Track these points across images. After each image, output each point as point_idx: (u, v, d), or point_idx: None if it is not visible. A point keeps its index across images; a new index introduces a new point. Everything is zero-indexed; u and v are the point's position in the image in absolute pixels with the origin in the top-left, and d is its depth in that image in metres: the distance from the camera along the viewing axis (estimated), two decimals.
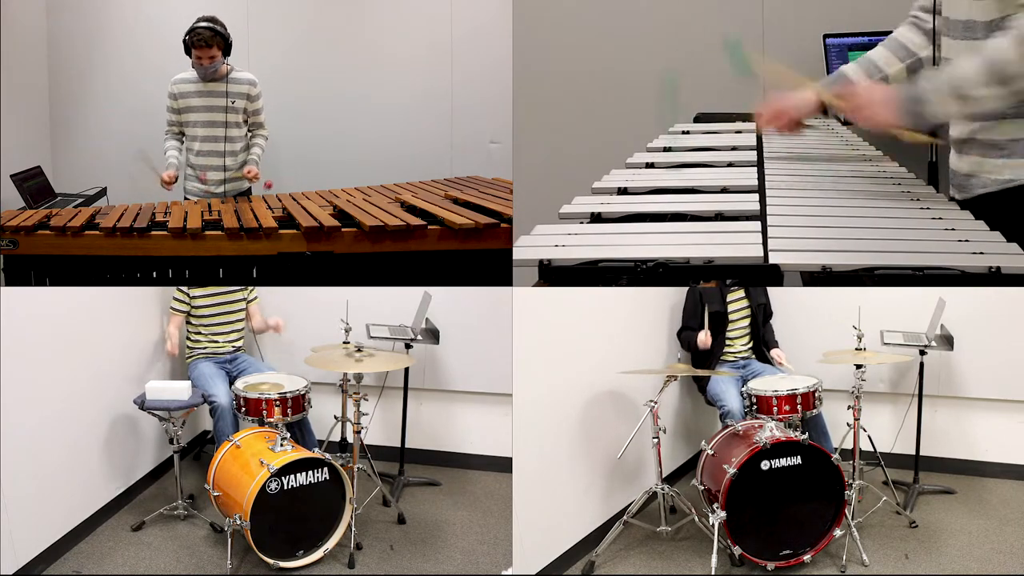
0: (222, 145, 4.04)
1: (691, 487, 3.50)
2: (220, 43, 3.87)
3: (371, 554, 3.22)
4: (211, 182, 4.07)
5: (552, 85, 4.72)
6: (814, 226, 2.09)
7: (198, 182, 4.08)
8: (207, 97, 4.01)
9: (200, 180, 4.05)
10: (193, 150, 4.08)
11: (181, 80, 4.03)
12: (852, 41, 4.13)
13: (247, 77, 4.07)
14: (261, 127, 4.19)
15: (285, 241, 3.20)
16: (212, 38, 3.83)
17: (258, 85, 4.10)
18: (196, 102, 4.02)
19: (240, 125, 4.10)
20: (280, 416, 3.34)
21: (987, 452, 4.04)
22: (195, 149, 4.07)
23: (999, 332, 3.89)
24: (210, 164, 4.07)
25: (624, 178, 2.65)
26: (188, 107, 4.03)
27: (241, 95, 4.05)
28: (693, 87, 4.48)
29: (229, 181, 4.07)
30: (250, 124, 4.16)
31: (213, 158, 4.06)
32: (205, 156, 4.06)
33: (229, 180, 4.07)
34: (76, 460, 3.28)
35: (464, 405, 4.12)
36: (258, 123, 4.18)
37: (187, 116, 4.05)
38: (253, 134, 4.18)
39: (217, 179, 4.07)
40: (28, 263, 3.19)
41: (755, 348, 3.87)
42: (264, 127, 4.21)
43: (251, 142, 4.17)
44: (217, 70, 3.96)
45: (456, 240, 3.25)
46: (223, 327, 3.77)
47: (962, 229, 2.06)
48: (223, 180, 4.07)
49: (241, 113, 4.07)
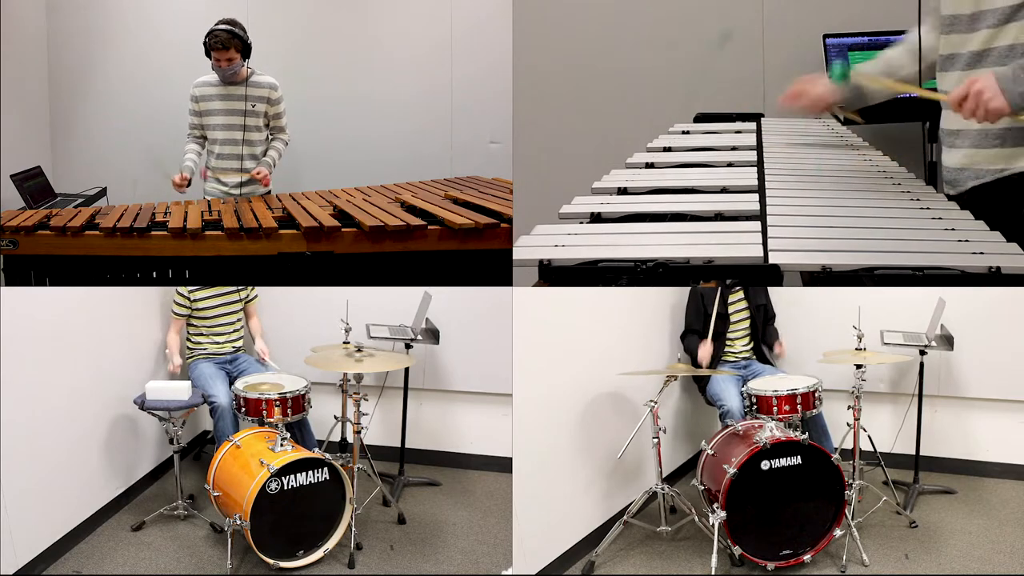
0: (240, 148, 4.04)
1: (691, 487, 3.50)
2: (238, 45, 3.88)
3: (371, 554, 3.22)
4: (230, 184, 4.08)
5: (552, 85, 4.73)
6: (814, 226, 2.09)
7: (218, 184, 4.09)
8: (227, 100, 4.03)
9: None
10: (213, 152, 4.10)
11: (202, 83, 4.05)
12: (852, 41, 4.13)
13: (268, 81, 4.08)
14: (282, 131, 4.20)
15: (285, 241, 3.20)
16: (229, 40, 3.84)
17: (279, 89, 4.11)
18: (216, 105, 4.04)
19: (260, 128, 4.11)
20: (280, 416, 3.34)
21: (987, 452, 4.03)
22: (215, 152, 4.09)
23: (999, 332, 3.89)
24: (230, 167, 4.08)
25: (624, 178, 2.65)
26: (208, 110, 4.05)
27: (261, 98, 4.05)
28: (693, 87, 4.49)
29: (247, 184, 4.08)
30: (271, 128, 4.17)
31: (232, 160, 4.07)
32: (225, 159, 4.08)
33: (247, 183, 4.08)
34: (76, 460, 3.28)
35: (464, 405, 4.12)
36: (279, 127, 4.18)
37: (207, 119, 4.07)
38: (274, 137, 4.19)
39: (235, 181, 4.08)
40: (28, 263, 3.18)
41: (755, 349, 3.87)
42: (285, 131, 4.21)
43: (271, 145, 4.18)
44: (237, 72, 3.97)
45: (456, 240, 3.25)
46: (224, 327, 3.77)
47: (962, 229, 2.05)
48: (240, 183, 4.07)
49: (261, 117, 4.08)
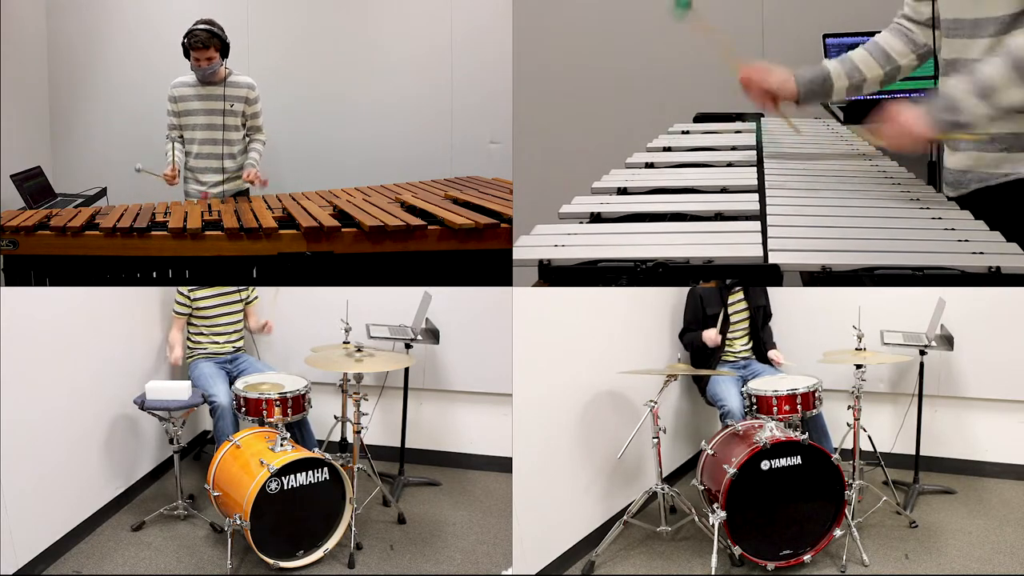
0: (220, 148, 4.05)
1: (691, 487, 3.50)
2: (217, 44, 3.88)
3: (371, 554, 3.22)
4: (208, 184, 4.07)
5: (552, 85, 4.73)
6: (814, 226, 2.09)
7: (197, 184, 4.09)
8: (206, 100, 4.03)
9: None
10: (192, 153, 4.09)
11: (180, 84, 4.04)
12: (852, 41, 4.11)
13: (246, 81, 4.08)
14: (259, 131, 4.20)
15: (285, 241, 3.20)
16: (209, 39, 3.85)
17: (256, 89, 4.11)
18: (195, 105, 4.03)
19: (238, 128, 4.12)
20: (280, 416, 3.34)
21: (987, 452, 4.03)
22: (193, 152, 4.09)
23: (999, 332, 3.89)
24: (208, 167, 4.08)
25: (624, 178, 2.65)
26: (187, 110, 4.05)
27: (239, 98, 4.05)
28: (693, 87, 4.49)
29: (227, 182, 4.08)
30: (248, 128, 4.17)
31: (211, 160, 4.07)
32: (204, 159, 4.08)
33: (227, 181, 4.08)
34: (76, 460, 3.28)
35: (464, 405, 4.12)
36: (256, 127, 4.19)
37: (186, 119, 4.06)
38: (251, 138, 4.19)
39: (215, 180, 4.08)
40: (28, 263, 3.18)
41: (755, 348, 3.87)
42: (262, 131, 4.22)
43: (249, 146, 4.18)
44: (215, 72, 3.97)
45: (456, 240, 3.24)
46: (224, 327, 3.77)
47: (962, 229, 2.05)
48: (221, 182, 4.08)
49: (239, 116, 4.09)
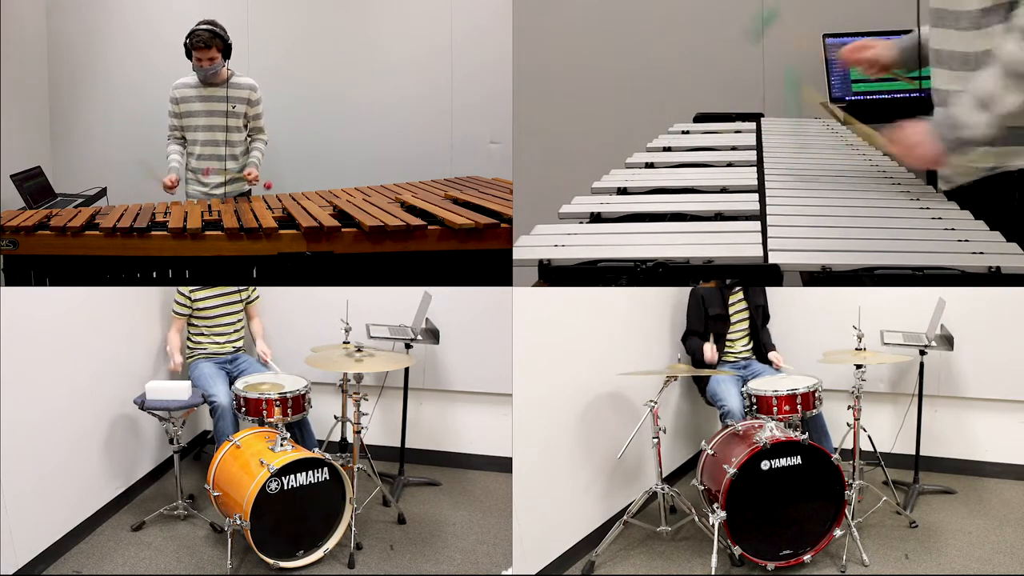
0: (223, 149, 4.05)
1: (691, 487, 3.50)
2: (219, 45, 3.88)
3: (371, 554, 3.22)
4: (211, 184, 4.08)
5: (552, 85, 4.72)
6: (814, 226, 2.09)
7: (199, 185, 4.09)
8: (208, 102, 4.02)
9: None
10: (194, 154, 4.09)
11: (182, 85, 4.04)
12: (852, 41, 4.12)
13: (247, 82, 4.08)
14: (261, 132, 4.21)
15: (285, 241, 3.20)
16: (211, 39, 3.84)
17: (258, 90, 4.11)
18: (197, 106, 4.03)
19: (240, 129, 4.12)
20: (280, 416, 3.34)
21: (987, 452, 4.03)
22: (196, 153, 4.08)
23: (999, 332, 3.89)
24: (210, 168, 4.08)
25: (624, 178, 2.65)
26: (189, 111, 4.04)
27: (241, 99, 4.05)
28: (693, 87, 4.49)
29: (230, 183, 4.08)
30: (250, 128, 4.17)
31: (213, 161, 4.07)
32: (206, 160, 4.08)
33: (229, 182, 4.08)
34: (76, 460, 3.28)
35: (464, 405, 4.12)
36: (258, 128, 4.19)
37: (188, 120, 4.06)
38: (253, 138, 4.19)
39: (217, 181, 4.08)
40: (28, 263, 3.18)
41: (755, 349, 3.87)
42: (264, 132, 4.22)
43: (251, 146, 4.18)
44: (217, 73, 3.97)
45: (456, 240, 3.25)
46: (224, 327, 3.77)
47: (962, 229, 2.06)
48: (223, 183, 4.07)
49: (241, 117, 4.09)
